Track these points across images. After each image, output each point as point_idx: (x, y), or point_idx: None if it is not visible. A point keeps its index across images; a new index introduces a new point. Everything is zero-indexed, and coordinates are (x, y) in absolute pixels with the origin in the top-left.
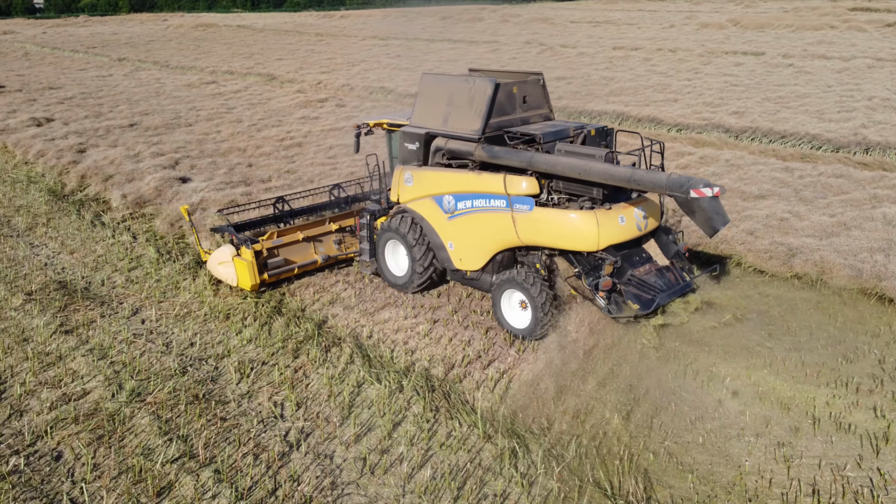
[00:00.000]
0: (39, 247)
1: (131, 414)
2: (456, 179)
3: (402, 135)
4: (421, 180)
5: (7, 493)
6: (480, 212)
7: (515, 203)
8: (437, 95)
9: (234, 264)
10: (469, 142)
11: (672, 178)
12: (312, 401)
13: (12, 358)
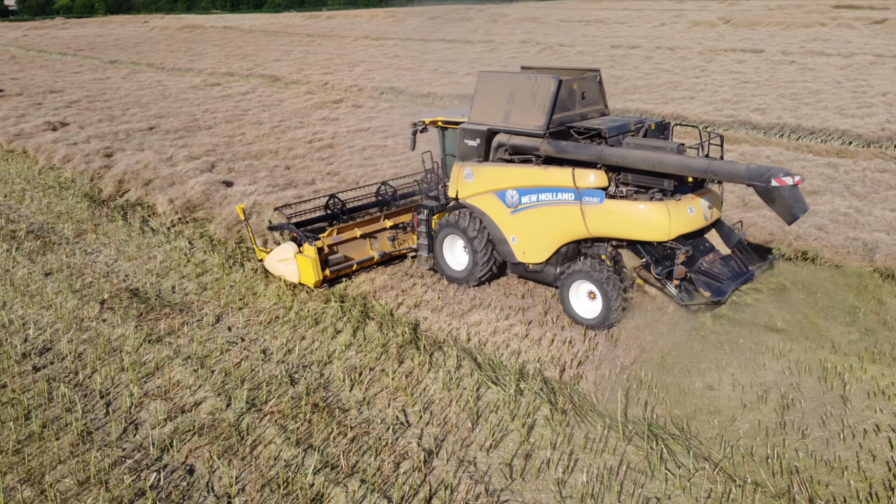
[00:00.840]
0: (94, 254)
1: (253, 424)
2: (520, 174)
3: (461, 132)
4: (482, 176)
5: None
6: (546, 205)
7: (584, 196)
8: (497, 92)
9: (297, 261)
10: (534, 137)
11: (752, 167)
12: (434, 405)
13: (108, 369)
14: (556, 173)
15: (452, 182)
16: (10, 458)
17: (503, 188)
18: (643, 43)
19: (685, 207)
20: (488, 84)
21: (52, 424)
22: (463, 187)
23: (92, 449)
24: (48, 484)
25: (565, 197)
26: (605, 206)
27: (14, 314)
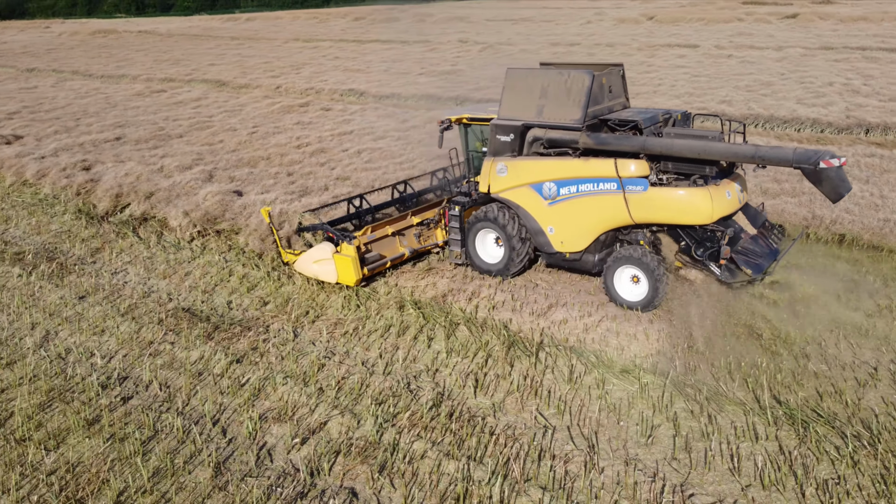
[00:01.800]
0: (120, 273)
1: (396, 439)
2: (559, 167)
3: (493, 128)
4: (517, 170)
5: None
6: (587, 195)
7: (628, 185)
8: (528, 88)
9: (335, 261)
10: (571, 130)
11: (799, 151)
12: (568, 406)
13: (206, 393)
14: (598, 164)
15: (484, 177)
16: (151, 498)
17: (540, 181)
18: (580, 40)
19: (724, 192)
20: (517, 81)
21: (175, 457)
22: (496, 182)
23: (234, 480)
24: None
25: (607, 187)
26: (650, 193)
27: (68, 342)
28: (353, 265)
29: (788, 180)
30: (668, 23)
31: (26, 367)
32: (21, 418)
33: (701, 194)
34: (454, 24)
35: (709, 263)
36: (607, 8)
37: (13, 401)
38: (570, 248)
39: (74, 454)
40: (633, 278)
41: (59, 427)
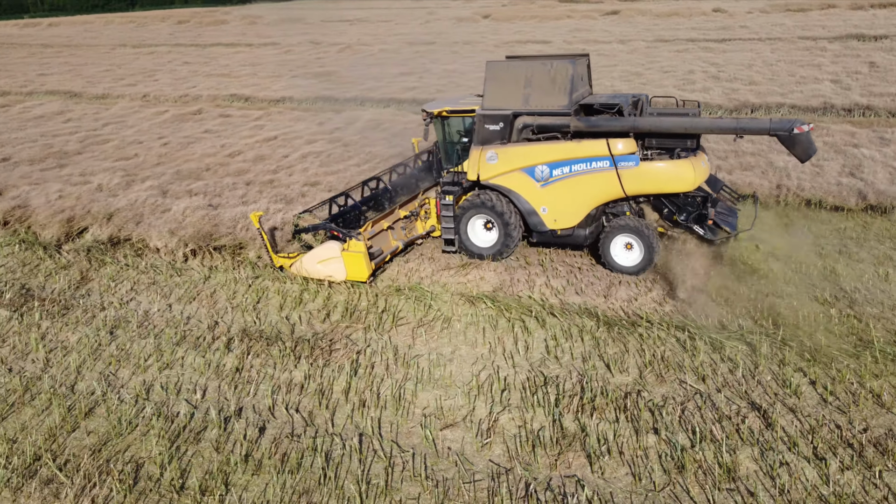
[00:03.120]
0: (131, 302)
1: (584, 426)
2: (551, 150)
3: (480, 118)
4: (508, 156)
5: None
6: (580, 174)
7: (620, 161)
8: (511, 79)
9: (344, 258)
10: (560, 116)
11: (775, 121)
12: (719, 371)
13: (346, 410)
14: (591, 145)
15: (472, 165)
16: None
17: (532, 164)
18: (436, 39)
19: (701, 162)
20: (499, 72)
21: (371, 476)
22: (486, 169)
23: (454, 487)
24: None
25: (600, 165)
26: (641, 167)
27: (136, 381)
28: (364, 261)
29: (732, 156)
30: (504, 21)
31: (116, 414)
32: (155, 467)
33: (685, 165)
34: (291, 26)
35: (693, 226)
36: (435, 7)
37: (128, 449)
38: (564, 225)
39: (255, 493)
40: (627, 245)
41: (211, 469)
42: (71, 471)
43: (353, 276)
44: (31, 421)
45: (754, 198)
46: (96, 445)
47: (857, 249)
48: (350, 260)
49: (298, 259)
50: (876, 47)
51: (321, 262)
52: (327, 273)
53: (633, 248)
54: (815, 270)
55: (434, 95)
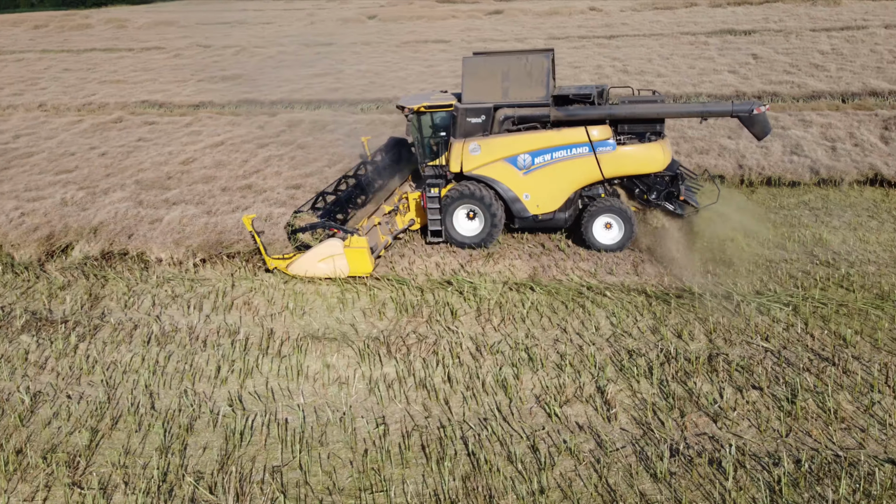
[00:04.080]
0: (164, 316)
1: (719, 390)
2: (533, 139)
3: (462, 111)
4: (490, 147)
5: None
6: (561, 161)
7: (598, 147)
8: (488, 74)
9: (347, 255)
10: (540, 107)
11: (737, 104)
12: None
13: (540, 418)
14: (571, 133)
15: (455, 158)
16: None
17: (515, 154)
18: (332, 40)
19: (667, 145)
20: (476, 68)
21: (557, 466)
22: (469, 161)
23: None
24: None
25: (580, 151)
26: (618, 151)
27: (228, 390)
28: (368, 256)
29: (682, 141)
30: (391, 21)
31: (222, 427)
32: (297, 472)
33: (657, 147)
34: (166, 30)
35: (664, 203)
36: (312, 9)
37: (256, 459)
38: (545, 210)
39: (416, 485)
40: (607, 225)
41: (357, 467)
42: (218, 487)
43: (357, 271)
44: (130, 443)
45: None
46: (221, 460)
47: (827, 218)
48: (353, 256)
49: (295, 259)
50: (750, 41)
51: (322, 261)
52: (330, 270)
53: (612, 227)
54: (805, 238)
55: (361, 96)
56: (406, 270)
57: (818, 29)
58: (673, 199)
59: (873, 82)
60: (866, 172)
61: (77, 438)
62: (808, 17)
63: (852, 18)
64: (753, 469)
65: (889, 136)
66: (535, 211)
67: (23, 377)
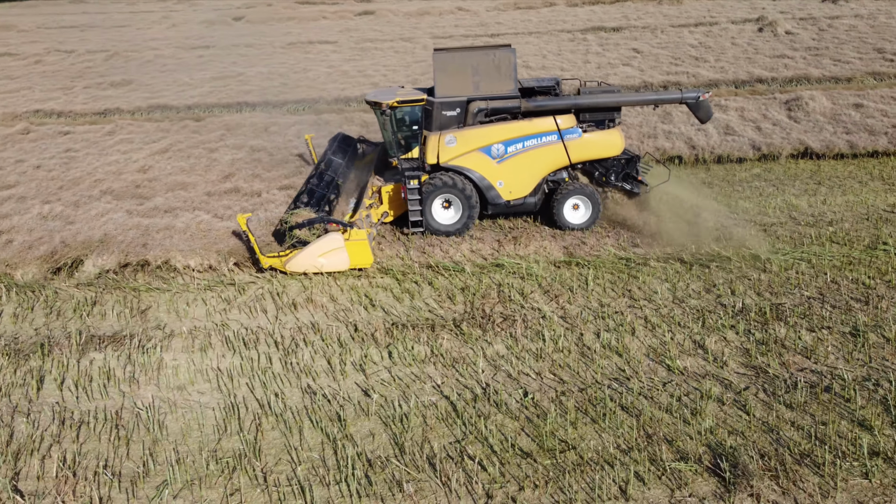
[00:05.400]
0: (232, 323)
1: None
2: (505, 129)
3: (438, 105)
4: (465, 139)
5: None
6: (532, 149)
7: (566, 135)
8: (459, 69)
9: (349, 248)
10: (510, 99)
11: (686, 91)
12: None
13: None
14: (541, 122)
15: (432, 150)
16: None
17: (489, 144)
18: (209, 43)
19: (621, 130)
20: (446, 63)
21: (708, 415)
22: (445, 152)
23: None
24: None
25: (550, 139)
26: (584, 138)
27: (355, 380)
28: (369, 248)
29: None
30: (259, 23)
31: (385, 412)
32: (516, 453)
33: (616, 133)
34: (6, 34)
35: (623, 184)
36: (162, 11)
37: (475, 447)
38: (518, 195)
39: (601, 440)
40: (574, 206)
41: (544, 432)
42: (421, 469)
43: (359, 262)
44: (291, 441)
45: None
46: (397, 443)
47: (784, 187)
48: (354, 248)
49: (292, 256)
50: (622, 37)
51: (323, 255)
52: (330, 265)
53: (579, 208)
54: (779, 205)
55: (279, 97)
56: (446, 258)
57: (676, 25)
58: (630, 179)
59: (756, 70)
60: (797, 147)
61: (229, 443)
62: (661, 14)
63: (701, 15)
64: (862, 390)
65: (796, 115)
66: (509, 197)
67: (121, 394)
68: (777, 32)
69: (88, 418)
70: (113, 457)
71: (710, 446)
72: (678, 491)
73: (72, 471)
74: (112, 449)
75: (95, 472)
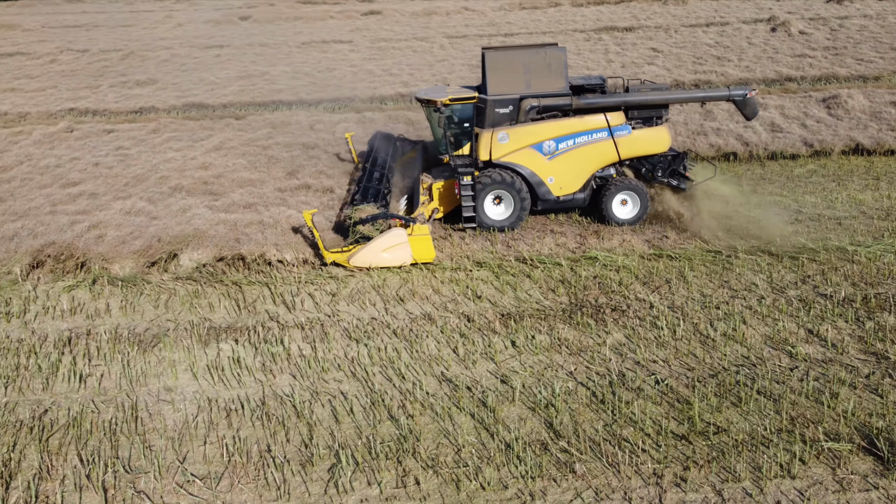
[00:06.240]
0: (355, 310)
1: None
2: (557, 126)
3: (492, 103)
4: (518, 136)
5: None
6: (583, 146)
7: (616, 131)
8: (510, 67)
9: (412, 243)
10: (563, 97)
11: (733, 89)
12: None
13: None
14: (592, 119)
15: (484, 147)
16: None
17: (540, 141)
18: (220, 42)
19: (668, 127)
20: (498, 62)
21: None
22: (497, 149)
23: None
24: None
25: (600, 135)
26: (634, 134)
27: (487, 367)
28: (431, 243)
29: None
30: (266, 23)
31: (529, 397)
32: (680, 434)
33: (664, 130)
34: (12, 34)
35: (669, 179)
36: (161, 10)
37: (628, 430)
38: (567, 191)
39: (750, 423)
40: (623, 201)
41: (701, 414)
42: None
43: (421, 257)
44: (446, 426)
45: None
46: (551, 427)
47: (844, 183)
48: (417, 243)
49: (356, 251)
50: (637, 37)
51: (387, 250)
52: (393, 259)
53: (627, 203)
54: (844, 199)
55: (314, 96)
56: (532, 251)
57: (687, 25)
58: (676, 175)
59: (783, 70)
60: (848, 143)
61: (383, 429)
62: (669, 14)
63: (709, 15)
64: None
65: (836, 113)
66: (559, 193)
67: (258, 383)
68: (791, 32)
69: (234, 406)
70: (272, 442)
71: (856, 428)
72: (839, 469)
73: (238, 454)
74: (268, 434)
75: (261, 455)
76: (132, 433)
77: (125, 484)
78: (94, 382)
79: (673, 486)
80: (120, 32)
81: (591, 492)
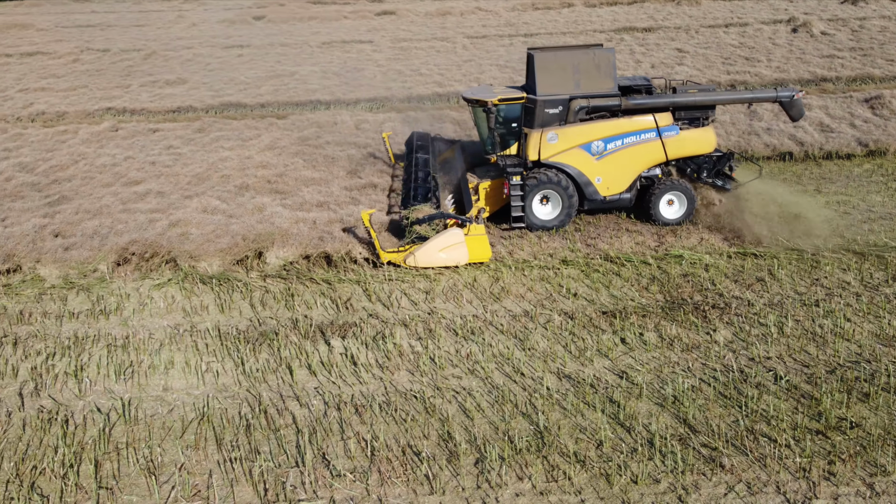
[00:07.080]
0: (452, 306)
1: None
2: (606, 127)
3: (541, 103)
4: (567, 136)
5: None
6: (631, 146)
7: (664, 132)
8: (560, 68)
9: (468, 243)
10: (611, 97)
11: (781, 90)
12: None
13: None
14: (640, 120)
15: (533, 147)
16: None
17: (589, 141)
18: (242, 42)
19: (713, 128)
20: (547, 63)
21: None
22: (546, 149)
23: None
24: None
25: (648, 136)
26: (682, 135)
27: (595, 365)
28: (487, 242)
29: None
30: (281, 23)
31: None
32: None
33: (710, 131)
34: (26, 33)
35: (715, 180)
36: (172, 10)
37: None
38: (614, 191)
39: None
40: (669, 202)
41: (829, 409)
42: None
43: (478, 257)
44: (578, 421)
45: (790, 155)
46: (689, 422)
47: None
48: (473, 243)
49: (412, 251)
50: (660, 37)
51: (443, 250)
52: (450, 259)
53: (674, 204)
54: None
55: (349, 96)
56: (611, 249)
57: (706, 25)
58: (721, 175)
59: (817, 70)
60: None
61: (517, 424)
62: (686, 15)
63: (725, 16)
64: None
65: (881, 113)
66: (606, 193)
67: (376, 379)
68: (813, 33)
69: (361, 401)
70: (409, 437)
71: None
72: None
73: (382, 449)
74: (403, 430)
75: (403, 450)
76: (265, 428)
77: (274, 478)
78: (212, 378)
79: (822, 479)
80: (135, 32)
81: (742, 486)
